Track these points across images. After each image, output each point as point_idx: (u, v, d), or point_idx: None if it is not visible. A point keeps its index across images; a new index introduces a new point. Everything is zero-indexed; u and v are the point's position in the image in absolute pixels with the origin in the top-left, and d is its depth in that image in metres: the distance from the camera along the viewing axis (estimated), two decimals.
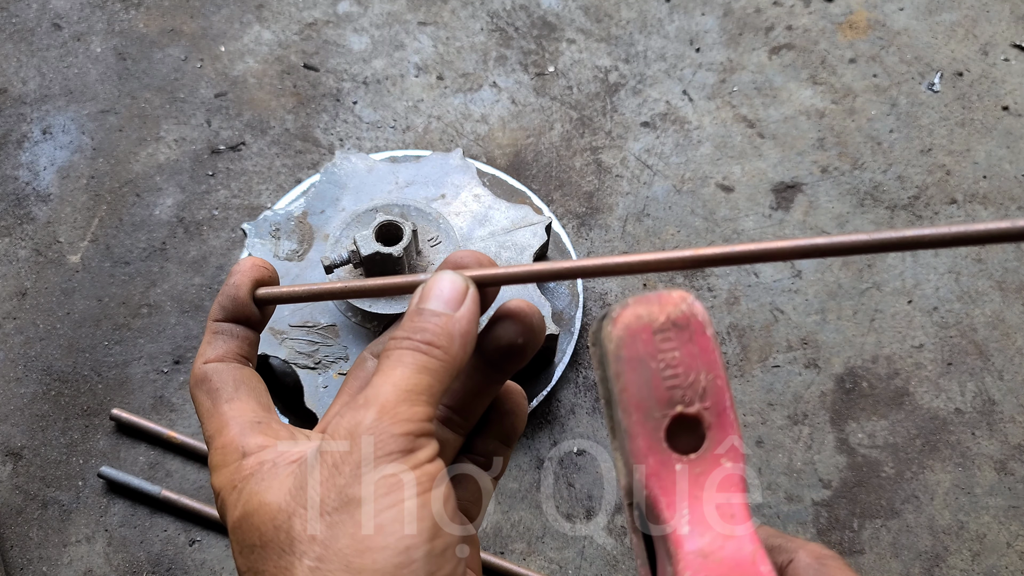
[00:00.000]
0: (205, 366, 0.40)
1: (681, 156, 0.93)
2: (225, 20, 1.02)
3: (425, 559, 0.32)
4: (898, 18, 1.01)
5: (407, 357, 0.35)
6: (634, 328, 0.31)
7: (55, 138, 0.94)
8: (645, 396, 0.31)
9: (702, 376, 0.31)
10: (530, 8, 1.02)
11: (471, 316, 0.37)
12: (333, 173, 0.82)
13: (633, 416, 0.31)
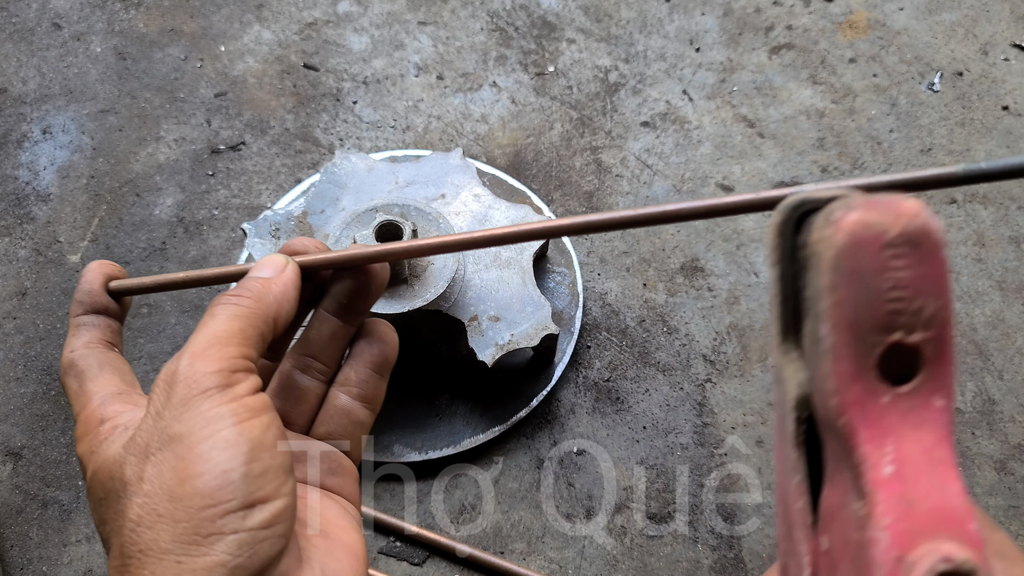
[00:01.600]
0: (71, 354, 0.43)
1: (681, 156, 0.93)
2: (225, 20, 1.02)
3: (243, 480, 0.34)
4: (898, 18, 1.01)
5: (218, 310, 0.39)
6: (861, 238, 0.26)
7: (55, 138, 0.94)
8: (862, 317, 0.27)
9: (930, 303, 0.27)
10: (530, 8, 1.02)
11: (288, 280, 0.41)
12: (333, 173, 0.82)
13: (843, 336, 0.27)
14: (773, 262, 0.31)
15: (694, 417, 0.79)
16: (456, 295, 0.75)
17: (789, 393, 0.30)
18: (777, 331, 0.31)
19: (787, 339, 0.30)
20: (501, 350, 0.74)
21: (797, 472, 0.30)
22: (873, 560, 0.26)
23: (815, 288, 0.28)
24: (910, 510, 0.26)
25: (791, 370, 0.30)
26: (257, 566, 0.34)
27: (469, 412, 0.79)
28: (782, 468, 0.32)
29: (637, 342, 0.83)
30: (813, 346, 0.29)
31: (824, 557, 0.29)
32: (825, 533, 0.29)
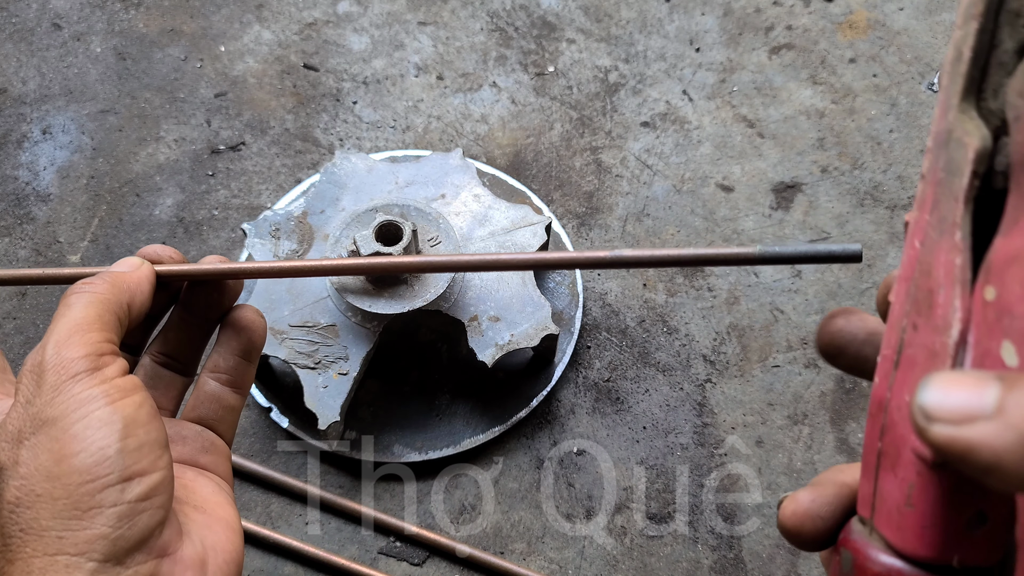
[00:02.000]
0: None
1: (681, 156, 0.93)
2: (225, 20, 1.02)
3: (119, 455, 0.36)
4: (898, 18, 1.01)
5: (72, 299, 0.40)
6: None
7: (55, 138, 0.94)
8: None
9: None
10: (530, 8, 1.02)
11: (140, 275, 0.43)
12: (333, 173, 0.82)
13: None
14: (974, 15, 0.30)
15: (694, 417, 0.79)
16: (456, 295, 0.75)
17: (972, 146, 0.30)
18: (960, 89, 0.31)
19: (968, 97, 0.31)
20: (501, 350, 0.74)
21: (959, 229, 0.30)
22: None
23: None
24: None
25: (972, 127, 0.30)
26: (137, 536, 0.36)
27: (469, 412, 0.79)
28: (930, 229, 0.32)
29: (637, 342, 0.83)
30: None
31: (984, 309, 0.29)
32: (992, 284, 0.29)
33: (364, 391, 0.78)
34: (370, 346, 0.73)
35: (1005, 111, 0.30)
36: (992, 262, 0.29)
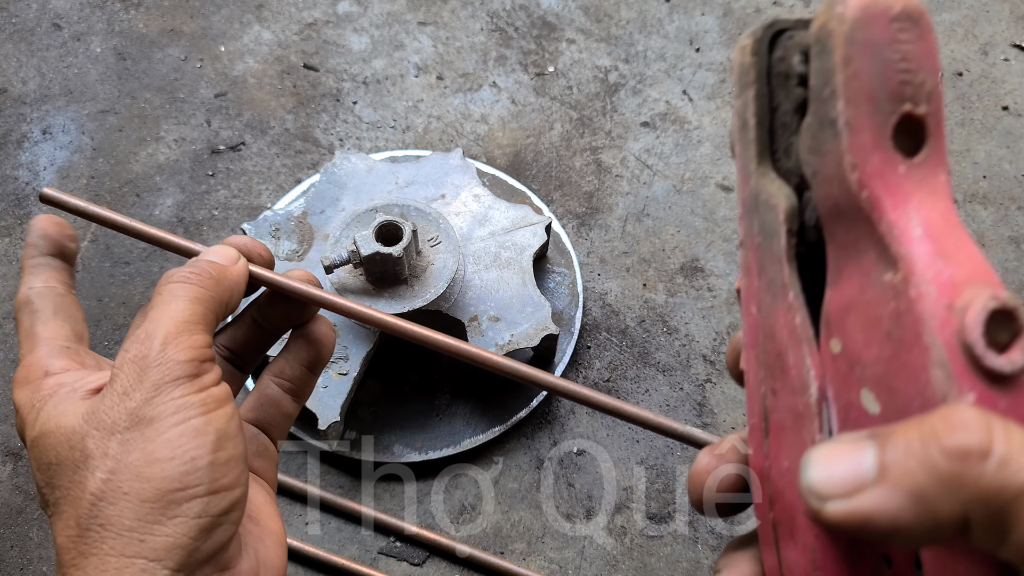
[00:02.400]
0: (29, 290, 0.43)
1: (681, 156, 0.93)
2: (225, 20, 1.02)
3: (208, 468, 0.36)
4: None
5: (179, 290, 0.39)
6: (872, 11, 0.27)
7: (55, 138, 0.94)
8: (878, 87, 0.27)
9: (929, 77, 0.28)
10: (530, 8, 1.02)
11: (240, 270, 0.42)
12: (333, 173, 0.82)
13: (861, 108, 0.27)
14: (748, 82, 0.31)
15: (694, 417, 0.79)
16: (456, 295, 0.75)
17: (780, 207, 0.30)
18: (753, 155, 0.31)
19: (764, 161, 0.31)
20: (501, 350, 0.74)
21: (790, 288, 0.31)
22: (922, 315, 0.26)
23: (823, 71, 0.28)
24: (947, 263, 0.26)
25: (776, 189, 0.31)
26: (211, 550, 0.36)
27: (469, 412, 0.79)
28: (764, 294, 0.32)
29: (637, 342, 0.83)
30: (820, 133, 0.29)
31: (836, 362, 0.29)
32: (835, 336, 0.29)
33: (364, 391, 0.78)
34: (370, 346, 0.73)
35: (802, 168, 0.30)
36: (830, 315, 0.30)
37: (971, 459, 0.23)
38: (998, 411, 0.25)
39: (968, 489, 0.23)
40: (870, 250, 0.28)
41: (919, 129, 0.28)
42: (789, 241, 0.30)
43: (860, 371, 0.28)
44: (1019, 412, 0.25)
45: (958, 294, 0.26)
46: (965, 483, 0.23)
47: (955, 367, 0.25)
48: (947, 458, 0.24)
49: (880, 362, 0.28)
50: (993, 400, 0.25)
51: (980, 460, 0.23)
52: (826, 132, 0.28)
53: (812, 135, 0.29)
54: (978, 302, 0.25)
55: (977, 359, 0.25)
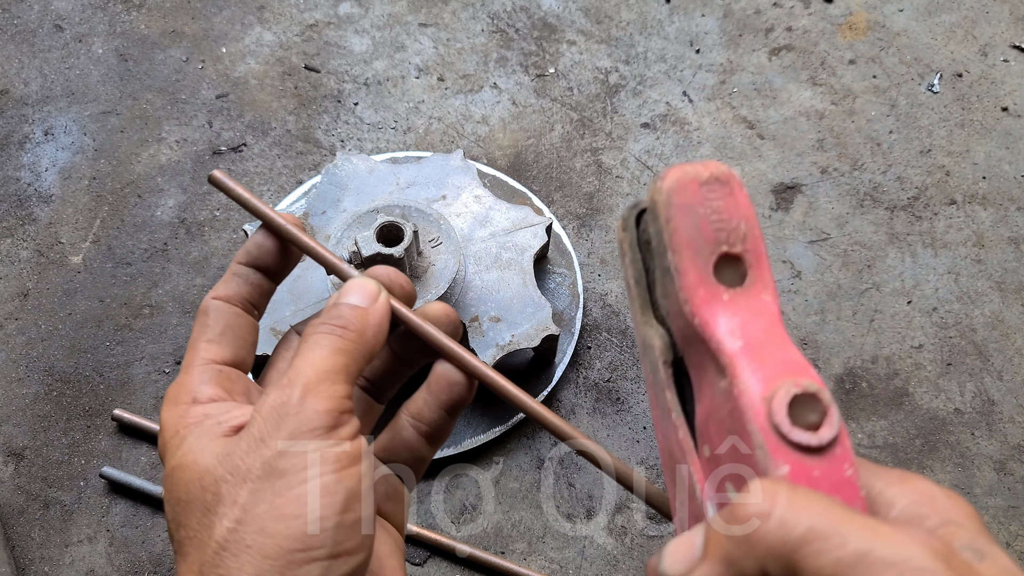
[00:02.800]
0: (211, 300, 0.43)
1: (681, 157, 0.93)
2: (226, 21, 1.02)
3: (334, 529, 0.35)
4: (897, 19, 1.01)
5: (324, 340, 0.39)
6: (683, 180, 0.35)
7: (57, 139, 0.94)
8: (695, 236, 0.34)
9: (742, 224, 0.35)
10: (530, 10, 1.03)
11: (383, 312, 0.41)
12: (334, 174, 0.82)
13: (684, 254, 0.34)
14: (623, 252, 0.38)
15: None
16: (457, 296, 0.75)
17: (656, 346, 0.37)
18: (638, 308, 0.38)
19: (645, 312, 0.38)
20: (502, 351, 0.74)
21: (672, 410, 0.37)
22: (744, 408, 0.32)
23: (657, 230, 0.35)
24: (762, 364, 0.33)
25: (653, 332, 0.37)
26: None
27: (470, 412, 0.79)
28: (660, 420, 0.38)
29: (637, 343, 0.83)
30: (665, 279, 0.36)
31: (708, 464, 0.35)
32: (705, 443, 0.35)
33: None
34: None
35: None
36: (699, 426, 0.36)
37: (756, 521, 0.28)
38: (812, 478, 0.30)
39: (759, 547, 0.28)
40: (711, 365, 0.35)
41: (739, 264, 0.35)
42: (666, 372, 0.37)
43: (722, 468, 0.34)
44: (832, 477, 0.31)
45: (771, 387, 0.32)
46: (755, 542, 0.28)
47: (770, 446, 0.31)
48: (739, 523, 0.29)
49: (729, 455, 0.33)
50: (807, 469, 0.30)
51: (764, 521, 0.28)
52: (667, 278, 0.35)
53: (660, 282, 0.36)
54: (782, 389, 0.31)
55: (784, 436, 0.31)
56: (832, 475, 0.31)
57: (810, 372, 0.32)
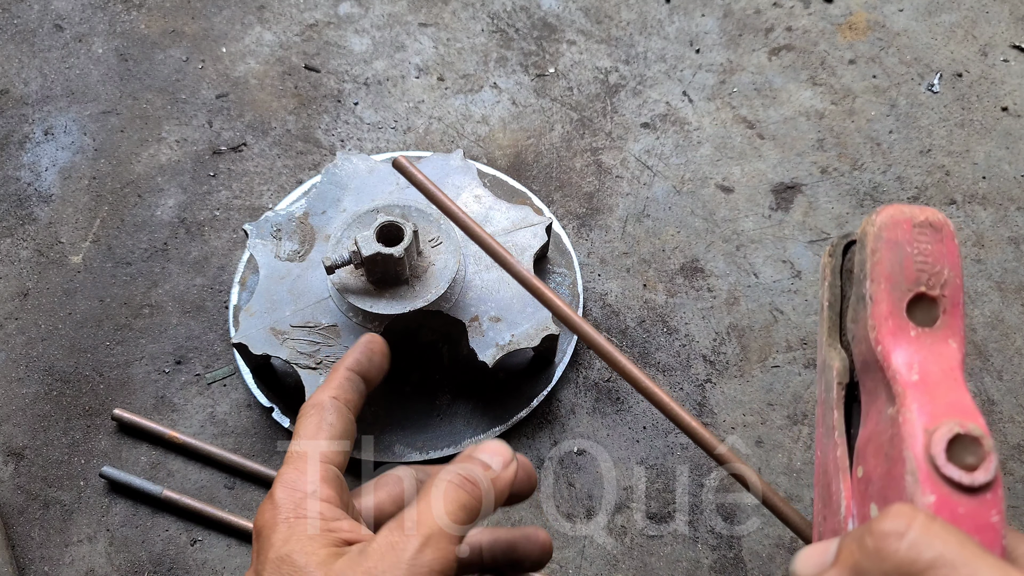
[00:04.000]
0: (330, 400, 0.44)
1: (681, 157, 0.93)
2: (226, 21, 1.02)
3: None
4: (897, 19, 1.01)
5: (452, 492, 0.40)
6: (897, 218, 0.37)
7: (57, 139, 0.94)
8: (896, 271, 0.36)
9: (946, 271, 0.37)
10: (530, 9, 1.03)
11: (509, 478, 0.42)
12: (334, 174, 0.82)
13: (882, 285, 0.36)
14: (825, 276, 0.40)
15: None
16: (457, 296, 0.75)
17: (834, 368, 0.39)
18: (825, 330, 0.40)
19: (832, 335, 0.40)
20: (502, 350, 0.74)
21: (836, 429, 0.39)
22: (904, 436, 0.33)
23: (861, 259, 0.37)
24: (933, 400, 0.34)
25: (835, 354, 0.39)
26: None
27: (470, 412, 0.79)
28: (823, 437, 0.40)
29: (637, 342, 0.83)
30: (858, 306, 0.38)
31: (859, 484, 0.37)
32: (860, 464, 0.37)
33: None
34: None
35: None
36: (858, 448, 0.38)
37: (890, 538, 0.30)
38: (957, 514, 0.32)
39: (888, 561, 0.30)
40: (883, 393, 0.36)
41: (934, 307, 0.37)
42: (839, 393, 0.39)
43: (871, 489, 0.36)
44: (976, 519, 0.32)
45: (935, 423, 0.33)
46: (885, 556, 0.30)
47: (921, 474, 0.32)
48: (873, 538, 0.30)
49: (880, 478, 0.35)
50: (953, 505, 0.32)
51: (897, 539, 0.30)
52: (860, 304, 0.37)
53: (853, 307, 0.38)
54: (945, 426, 0.33)
55: (938, 468, 0.32)
56: (976, 516, 0.32)
57: (978, 418, 0.34)
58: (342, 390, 0.45)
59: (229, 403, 0.80)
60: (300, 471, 0.41)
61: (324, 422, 0.43)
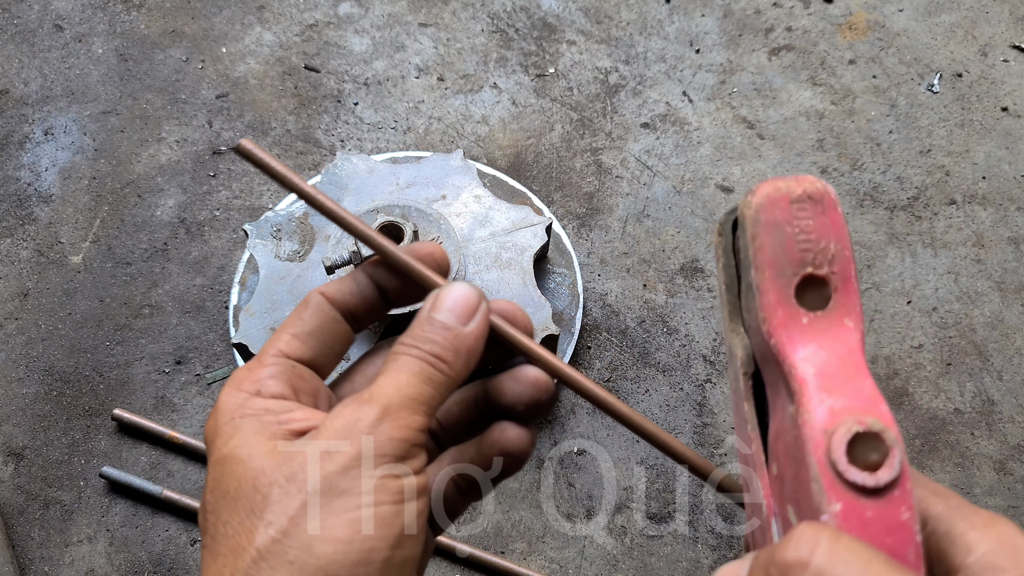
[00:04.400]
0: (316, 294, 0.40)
1: (681, 157, 0.93)
2: (226, 21, 1.02)
3: (381, 565, 0.33)
4: (897, 19, 1.01)
5: (413, 365, 0.37)
6: (773, 197, 0.34)
7: (57, 139, 0.94)
8: (779, 255, 0.34)
9: (832, 245, 0.34)
10: (530, 10, 1.03)
11: (479, 333, 0.38)
12: (334, 174, 0.82)
13: (766, 273, 0.34)
14: (717, 256, 0.38)
15: (694, 417, 0.79)
16: None
17: (739, 356, 0.37)
18: (726, 314, 0.37)
19: (734, 319, 0.37)
20: None
21: (749, 421, 0.37)
22: (805, 439, 0.32)
23: (744, 246, 0.35)
24: (831, 396, 0.32)
25: (738, 341, 0.37)
26: None
27: None
28: (739, 428, 0.38)
29: (637, 343, 0.83)
30: (748, 294, 0.35)
31: (775, 483, 0.35)
32: (774, 461, 0.35)
33: None
34: (370, 346, 0.74)
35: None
36: (770, 443, 0.36)
37: (793, 570, 0.28)
38: (865, 519, 0.30)
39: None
40: (783, 388, 0.34)
41: (824, 286, 0.34)
42: (746, 383, 0.37)
43: (786, 489, 0.34)
44: (885, 521, 0.30)
45: (835, 422, 0.31)
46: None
47: (825, 482, 0.31)
48: (777, 569, 0.29)
49: (792, 480, 0.33)
50: (860, 510, 0.30)
51: (800, 570, 0.28)
52: (749, 293, 0.35)
53: (745, 296, 0.36)
54: (844, 426, 0.31)
55: (841, 474, 0.30)
56: (886, 518, 0.31)
57: (879, 408, 0.32)
58: (338, 288, 0.40)
59: None
60: (248, 368, 0.38)
61: (297, 317, 0.39)
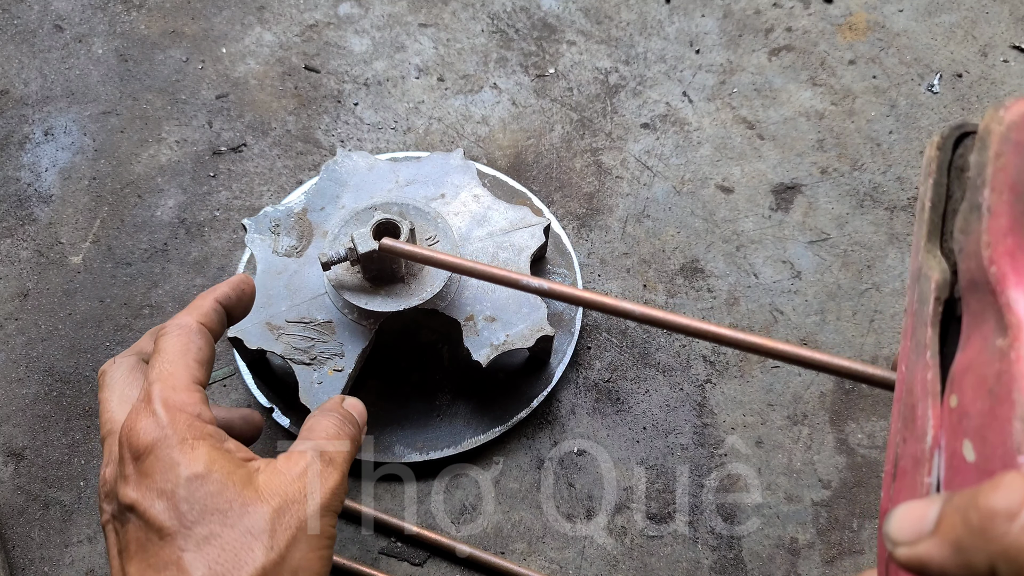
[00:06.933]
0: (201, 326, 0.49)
1: (681, 157, 0.93)
2: (226, 22, 1.02)
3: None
4: (897, 20, 1.01)
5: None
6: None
7: (57, 139, 0.94)
8: (1021, 180, 0.31)
9: None
10: (530, 10, 1.03)
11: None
12: (334, 171, 0.82)
13: (1004, 196, 0.31)
14: (930, 172, 0.35)
15: (694, 418, 0.79)
16: (453, 295, 0.75)
17: (932, 280, 0.34)
18: (924, 233, 0.35)
19: (932, 239, 0.35)
20: (496, 350, 0.74)
21: (929, 349, 0.34)
22: (1016, 375, 0.29)
23: (979, 163, 0.32)
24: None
25: (934, 263, 0.35)
26: None
27: (470, 412, 0.79)
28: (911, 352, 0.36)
29: (637, 343, 0.83)
30: (969, 215, 0.32)
31: (951, 415, 0.33)
32: (954, 392, 0.33)
33: (365, 391, 0.79)
34: (366, 343, 0.73)
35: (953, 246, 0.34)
36: (954, 373, 0.33)
37: (999, 519, 0.26)
38: None
39: (995, 544, 0.26)
40: (991, 319, 0.32)
41: None
42: (935, 308, 0.34)
43: (966, 423, 0.32)
44: None
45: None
46: (992, 538, 0.26)
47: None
48: (979, 515, 0.27)
49: (980, 415, 0.31)
50: None
51: (1007, 520, 0.26)
52: (973, 214, 0.32)
53: (963, 216, 0.33)
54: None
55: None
56: None
57: None
58: (209, 319, 0.48)
59: (229, 403, 0.80)
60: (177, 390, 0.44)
61: (192, 344, 0.47)
